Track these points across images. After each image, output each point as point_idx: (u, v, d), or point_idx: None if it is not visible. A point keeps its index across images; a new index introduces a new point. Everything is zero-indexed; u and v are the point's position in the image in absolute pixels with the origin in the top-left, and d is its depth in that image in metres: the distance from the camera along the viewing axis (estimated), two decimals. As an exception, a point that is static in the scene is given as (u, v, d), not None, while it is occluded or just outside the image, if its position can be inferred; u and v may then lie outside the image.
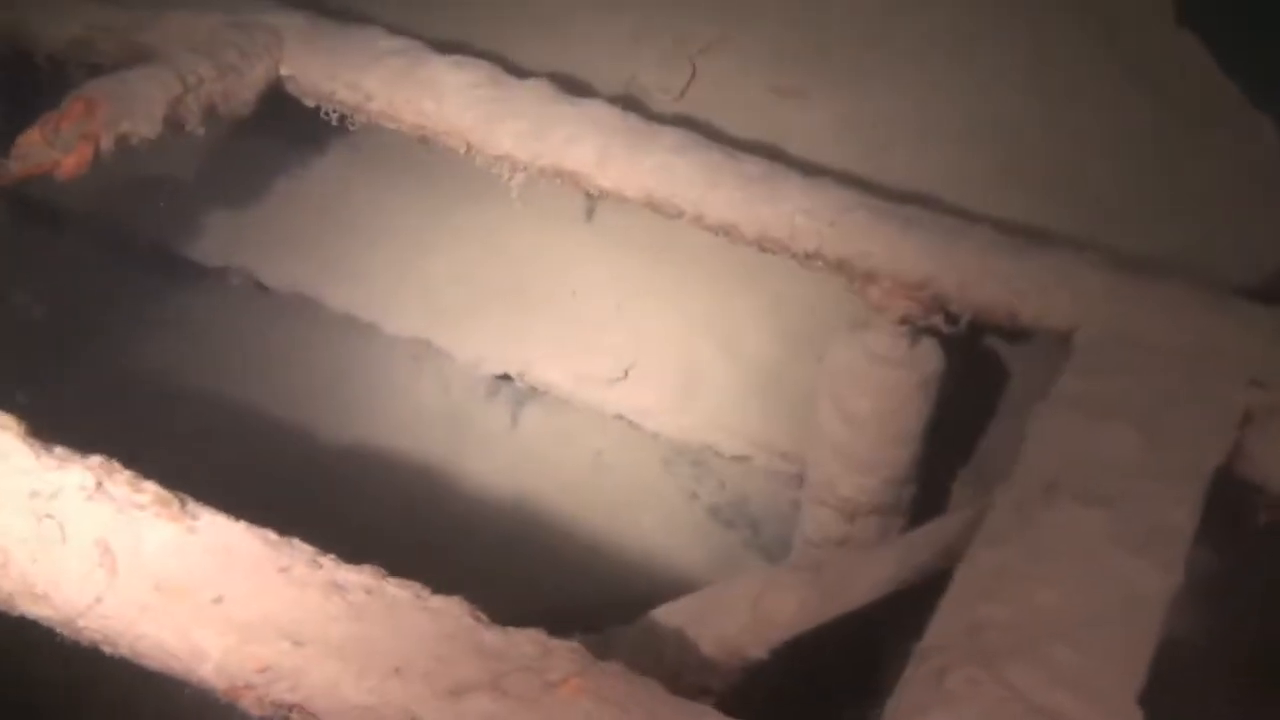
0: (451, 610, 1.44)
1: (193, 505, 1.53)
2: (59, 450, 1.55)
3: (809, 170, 2.43)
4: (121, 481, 1.52)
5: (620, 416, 2.99)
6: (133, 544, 1.47)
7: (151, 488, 1.53)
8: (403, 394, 3.18)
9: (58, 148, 2.10)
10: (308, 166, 3.15)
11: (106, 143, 2.14)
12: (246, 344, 3.23)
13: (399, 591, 1.45)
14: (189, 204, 3.13)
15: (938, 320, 2.31)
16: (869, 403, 2.40)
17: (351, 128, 2.56)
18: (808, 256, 2.31)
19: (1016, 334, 2.43)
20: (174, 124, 2.28)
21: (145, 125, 2.22)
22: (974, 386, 2.62)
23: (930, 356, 2.40)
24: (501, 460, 3.12)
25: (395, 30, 2.60)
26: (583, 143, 2.39)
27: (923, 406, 2.41)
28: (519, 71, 2.57)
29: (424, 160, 2.87)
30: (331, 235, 3.17)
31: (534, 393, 3.08)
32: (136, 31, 2.44)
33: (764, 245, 2.34)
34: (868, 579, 2.17)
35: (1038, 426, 1.94)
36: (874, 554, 2.29)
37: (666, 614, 2.11)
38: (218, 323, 3.25)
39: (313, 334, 3.22)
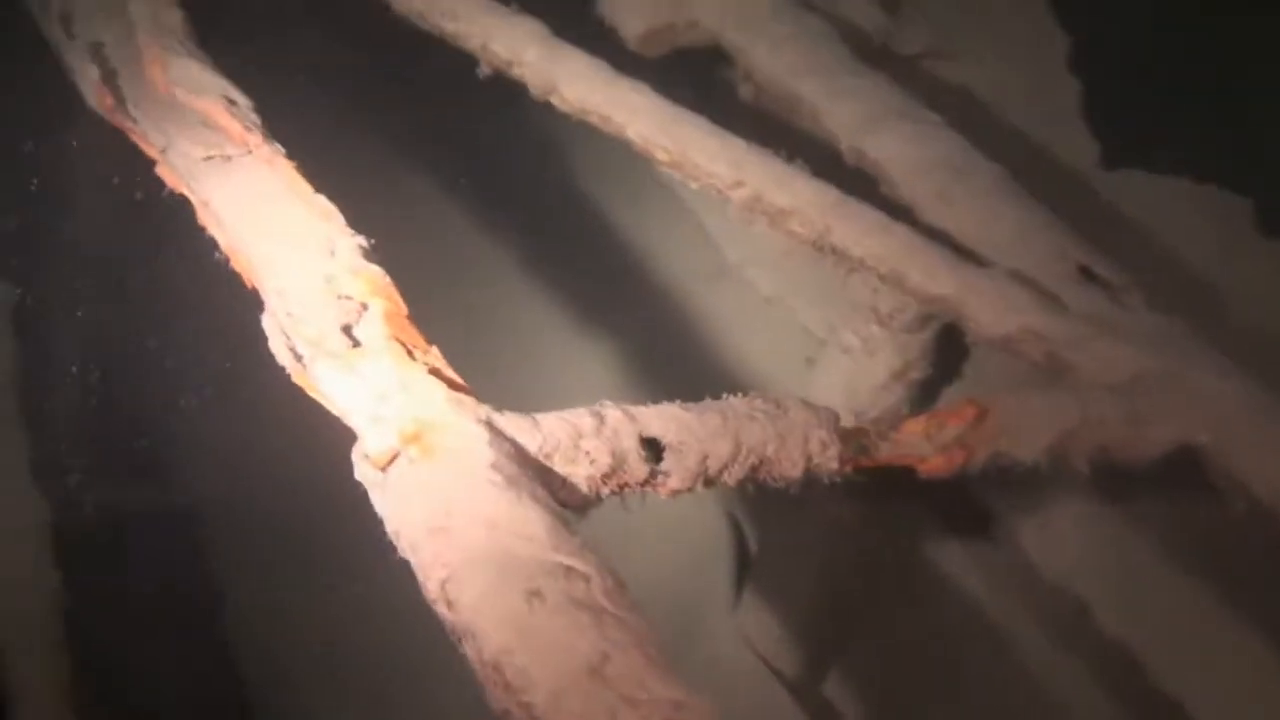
0: None
1: None
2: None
3: None
4: None
5: None
6: None
7: None
8: None
9: (934, 445, 2.06)
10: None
11: (979, 457, 2.07)
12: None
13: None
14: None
15: None
16: None
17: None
18: None
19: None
20: (1056, 456, 2.15)
21: (1025, 450, 2.11)
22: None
23: None
24: None
25: None
26: None
27: None
28: None
29: None
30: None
31: None
32: (1068, 349, 2.35)
33: None
34: None
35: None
36: None
37: None
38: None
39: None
